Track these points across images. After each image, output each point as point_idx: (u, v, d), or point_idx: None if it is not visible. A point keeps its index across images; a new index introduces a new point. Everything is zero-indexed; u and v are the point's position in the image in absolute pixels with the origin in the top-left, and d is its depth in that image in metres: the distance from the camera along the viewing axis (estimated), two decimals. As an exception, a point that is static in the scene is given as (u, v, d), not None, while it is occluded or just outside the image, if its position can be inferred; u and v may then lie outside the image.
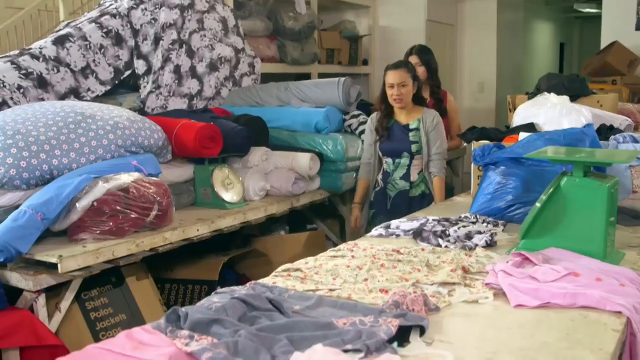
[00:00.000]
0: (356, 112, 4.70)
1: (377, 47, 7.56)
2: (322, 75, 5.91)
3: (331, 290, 1.99)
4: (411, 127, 3.88)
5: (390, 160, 3.96)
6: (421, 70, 4.53)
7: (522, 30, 9.60)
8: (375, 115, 4.02)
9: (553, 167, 2.82)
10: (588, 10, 11.91)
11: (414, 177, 3.92)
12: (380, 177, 4.01)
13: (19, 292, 2.72)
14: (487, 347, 1.58)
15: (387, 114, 3.93)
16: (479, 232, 2.61)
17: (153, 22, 4.32)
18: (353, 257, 2.33)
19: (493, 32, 8.09)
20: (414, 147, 3.87)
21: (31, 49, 3.86)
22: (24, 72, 3.66)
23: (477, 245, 2.46)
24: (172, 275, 3.74)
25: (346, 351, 1.46)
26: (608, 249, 2.24)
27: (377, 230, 2.79)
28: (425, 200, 3.87)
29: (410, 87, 3.81)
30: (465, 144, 4.65)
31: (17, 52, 3.88)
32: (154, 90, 4.29)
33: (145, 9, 4.29)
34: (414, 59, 4.57)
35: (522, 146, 3.01)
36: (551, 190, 2.31)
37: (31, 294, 2.69)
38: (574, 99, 4.04)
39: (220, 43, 4.85)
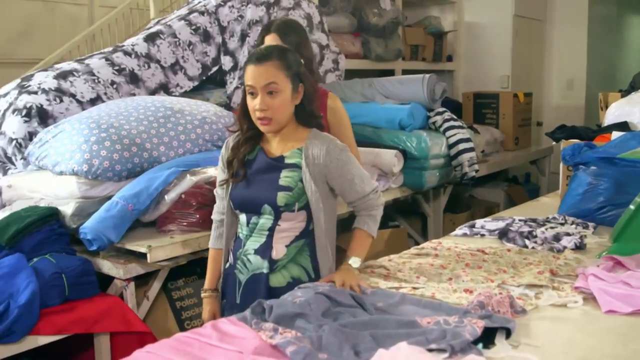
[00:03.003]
0: (440, 109, 4.64)
1: (462, 43, 7.44)
2: (405, 72, 5.88)
3: (414, 288, 1.98)
4: (287, 160, 2.18)
5: (244, 219, 2.24)
6: None
7: (615, 25, 9.23)
8: (231, 139, 2.31)
9: (648, 168, 2.72)
10: (687, 3, 11.36)
11: (278, 251, 2.16)
12: (232, 245, 2.32)
13: (109, 279, 2.83)
14: (575, 353, 1.54)
15: (249, 137, 2.22)
16: (568, 234, 2.53)
17: (239, 18, 4.39)
18: (437, 255, 2.30)
19: (584, 27, 7.81)
20: (281, 198, 2.13)
21: (124, 45, 3.99)
22: (117, 68, 3.79)
23: (565, 247, 2.39)
24: (254, 268, 3.79)
25: (430, 350, 1.45)
26: None
27: (462, 229, 2.75)
28: None
29: (286, 94, 2.09)
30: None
31: (110, 49, 4.02)
32: (239, 85, 4.36)
33: (232, 6, 4.37)
34: (270, 39, 2.79)
35: (615, 145, 2.92)
36: (646, 192, 2.23)
37: (121, 281, 2.79)
38: (671, 96, 3.88)
39: (305, 39, 4.88)
